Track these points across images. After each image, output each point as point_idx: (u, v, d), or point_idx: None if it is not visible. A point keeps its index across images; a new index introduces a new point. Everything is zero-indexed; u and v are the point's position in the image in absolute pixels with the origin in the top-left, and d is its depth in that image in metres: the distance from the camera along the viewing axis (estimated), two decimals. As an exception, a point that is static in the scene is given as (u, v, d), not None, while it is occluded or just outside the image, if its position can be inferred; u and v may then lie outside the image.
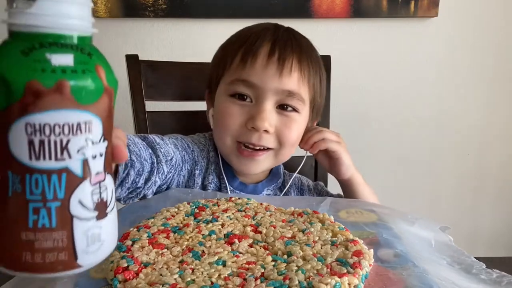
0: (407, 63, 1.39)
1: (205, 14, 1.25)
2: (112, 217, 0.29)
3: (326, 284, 0.34)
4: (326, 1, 1.27)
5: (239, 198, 0.55)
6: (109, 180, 0.29)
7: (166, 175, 0.60)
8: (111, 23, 1.27)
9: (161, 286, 0.35)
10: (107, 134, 0.28)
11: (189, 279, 0.36)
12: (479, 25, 1.38)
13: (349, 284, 0.35)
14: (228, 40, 0.69)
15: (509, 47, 1.41)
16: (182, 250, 0.41)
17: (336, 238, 0.43)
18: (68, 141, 0.26)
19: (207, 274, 0.37)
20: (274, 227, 0.46)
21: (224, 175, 0.68)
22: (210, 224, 0.47)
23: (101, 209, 0.28)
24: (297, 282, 0.35)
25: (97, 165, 0.27)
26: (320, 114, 0.73)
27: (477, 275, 0.40)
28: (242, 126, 0.62)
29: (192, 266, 0.38)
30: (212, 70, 0.70)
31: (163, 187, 0.62)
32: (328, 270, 0.37)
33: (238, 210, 0.51)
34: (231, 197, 0.55)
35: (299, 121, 0.64)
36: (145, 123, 0.84)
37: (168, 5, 1.23)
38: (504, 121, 1.48)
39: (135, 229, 0.45)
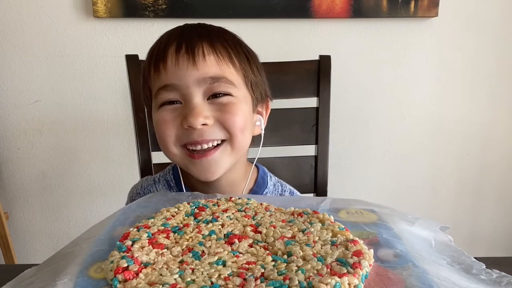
0: (407, 63, 1.39)
1: (205, 14, 1.25)
2: None
3: (326, 284, 0.34)
4: (326, 1, 1.27)
5: (239, 198, 0.55)
6: None
7: None
8: (111, 23, 1.27)
9: (161, 286, 0.35)
10: None
11: (189, 279, 0.36)
12: (479, 25, 1.38)
13: (349, 284, 0.35)
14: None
15: (509, 47, 1.41)
16: (182, 250, 0.41)
17: (336, 238, 0.43)
18: None
19: (207, 274, 0.37)
20: (274, 227, 0.46)
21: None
22: (210, 224, 0.47)
23: None
24: (297, 282, 0.35)
25: None
26: (269, 95, 0.66)
27: (477, 275, 0.39)
28: (179, 128, 0.58)
29: (192, 266, 0.38)
30: (143, 98, 0.66)
31: None
32: (328, 270, 0.37)
33: (238, 210, 0.51)
34: (231, 197, 0.55)
35: (238, 103, 0.58)
36: (145, 123, 0.84)
37: (168, 5, 1.24)
38: (504, 120, 1.48)
39: (135, 229, 0.45)
